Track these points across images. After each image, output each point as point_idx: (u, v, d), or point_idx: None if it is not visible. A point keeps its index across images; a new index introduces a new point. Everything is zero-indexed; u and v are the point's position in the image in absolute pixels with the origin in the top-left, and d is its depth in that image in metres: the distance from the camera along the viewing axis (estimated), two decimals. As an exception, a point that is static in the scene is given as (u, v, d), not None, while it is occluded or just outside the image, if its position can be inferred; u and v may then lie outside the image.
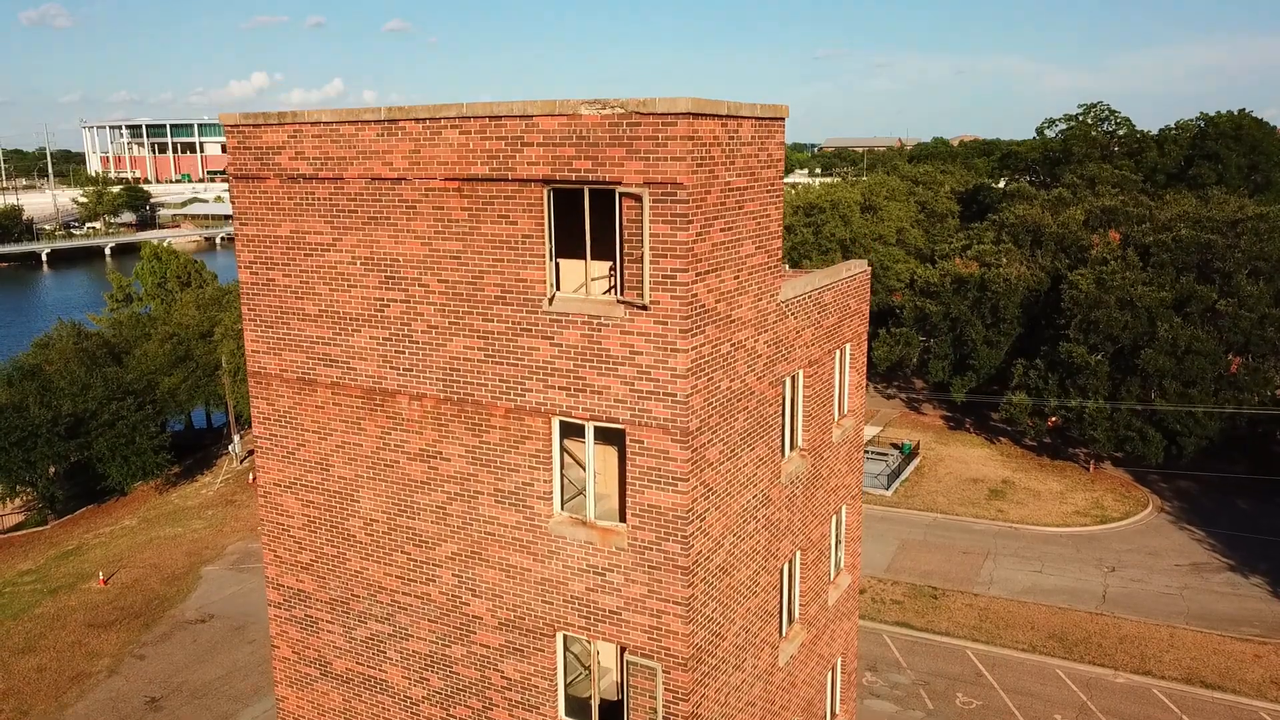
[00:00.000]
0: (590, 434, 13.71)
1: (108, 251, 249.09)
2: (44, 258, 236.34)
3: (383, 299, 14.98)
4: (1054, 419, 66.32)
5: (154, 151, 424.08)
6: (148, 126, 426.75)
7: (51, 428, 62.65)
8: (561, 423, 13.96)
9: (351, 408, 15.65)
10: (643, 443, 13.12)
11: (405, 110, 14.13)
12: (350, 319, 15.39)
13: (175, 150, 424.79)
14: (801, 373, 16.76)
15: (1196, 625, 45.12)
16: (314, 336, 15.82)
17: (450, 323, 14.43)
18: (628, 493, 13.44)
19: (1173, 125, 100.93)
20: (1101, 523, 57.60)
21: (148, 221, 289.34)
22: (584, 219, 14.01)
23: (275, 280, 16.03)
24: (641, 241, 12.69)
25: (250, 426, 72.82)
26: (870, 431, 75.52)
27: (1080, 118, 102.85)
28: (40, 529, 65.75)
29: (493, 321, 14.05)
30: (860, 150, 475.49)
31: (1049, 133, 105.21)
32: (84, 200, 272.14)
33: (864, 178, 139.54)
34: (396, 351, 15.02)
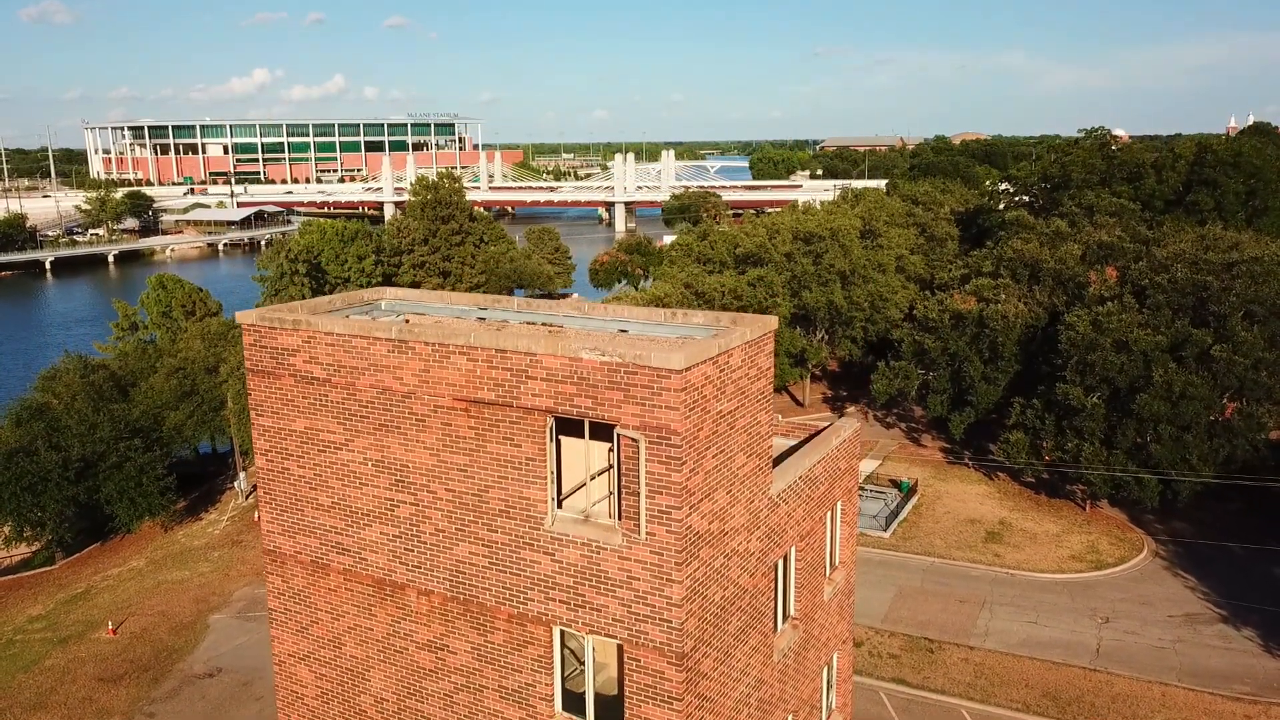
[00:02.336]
0: (589, 643, 14.46)
1: (111, 259, 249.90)
2: (48, 266, 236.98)
3: (393, 499, 15.73)
4: (1050, 457, 67.03)
5: (156, 152, 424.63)
6: (150, 128, 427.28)
7: (61, 472, 63.51)
8: (562, 631, 14.72)
9: (363, 594, 16.42)
10: (639, 661, 13.87)
11: (416, 333, 14.85)
12: (362, 514, 16.14)
13: (177, 151, 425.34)
14: (794, 549, 17.52)
15: (1188, 683, 45.87)
16: (327, 525, 16.58)
17: (457, 529, 15.18)
18: (626, 705, 14.19)
19: (1168, 137, 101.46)
20: (1097, 568, 58.33)
21: (150, 227, 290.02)
22: (585, 432, 14.71)
23: (290, 469, 16.78)
24: (638, 477, 13.42)
25: (249, 453, 73.29)
26: (868, 466, 76.23)
27: (1081, 142, 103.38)
28: (49, 568, 66.67)
29: (497, 533, 14.80)
30: (862, 149, 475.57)
31: (1049, 155, 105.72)
32: (87, 207, 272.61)
33: (864, 195, 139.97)
34: (406, 549, 15.78)
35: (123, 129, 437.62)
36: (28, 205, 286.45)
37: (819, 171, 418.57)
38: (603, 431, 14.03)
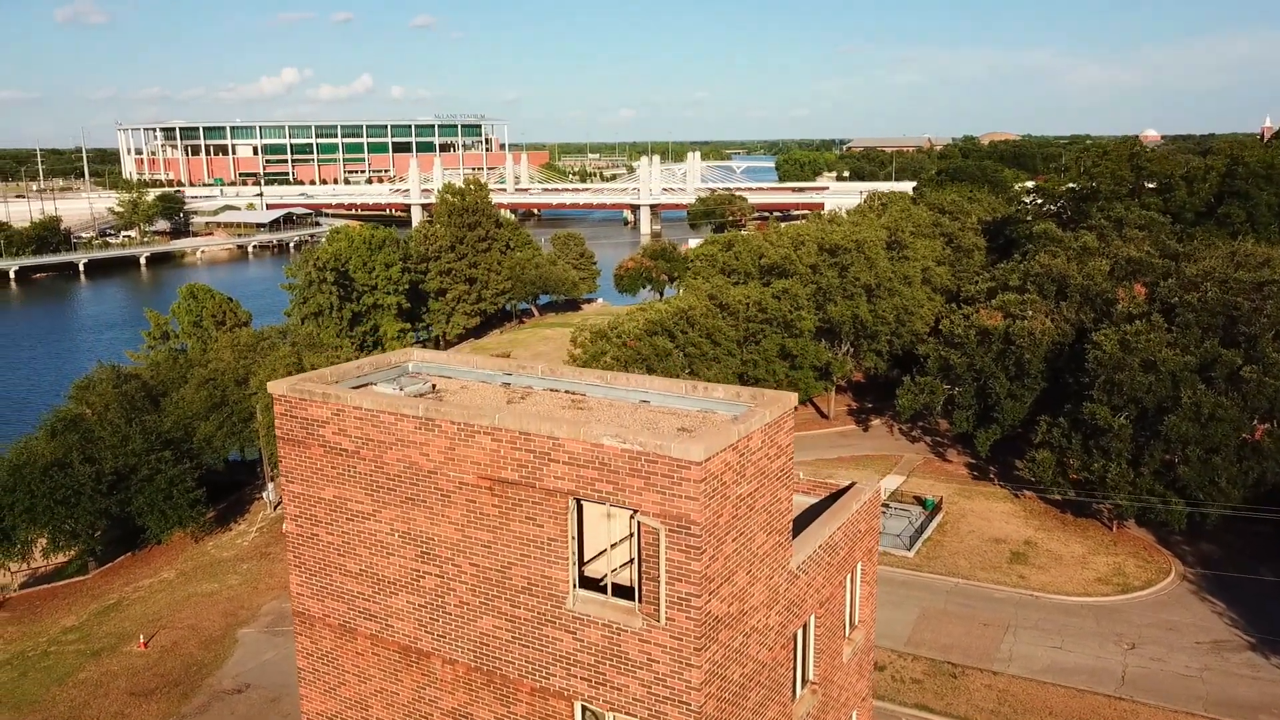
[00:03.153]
0: None
1: (143, 261, 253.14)
2: (81, 268, 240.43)
3: (419, 570, 16.07)
4: (1076, 476, 66.61)
5: (187, 153, 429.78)
6: (181, 129, 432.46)
7: (94, 485, 64.60)
8: (584, 706, 14.98)
9: (389, 660, 16.77)
10: (659, 741, 14.12)
11: (442, 412, 15.16)
12: (389, 582, 16.49)
13: (208, 152, 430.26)
14: (813, 617, 17.70)
15: (1216, 713, 45.53)
16: (355, 591, 16.94)
17: (481, 602, 15.49)
18: (646, 782, 14.44)
19: (1201, 136, 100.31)
20: (1123, 592, 57.94)
21: (181, 229, 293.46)
22: (608, 515, 14.96)
23: (319, 536, 17.16)
24: (658, 563, 13.66)
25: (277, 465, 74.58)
26: (893, 482, 76.09)
27: (1110, 153, 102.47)
28: (82, 578, 67.83)
29: (520, 609, 15.09)
30: (889, 150, 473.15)
31: (1077, 166, 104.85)
32: (120, 209, 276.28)
33: (890, 202, 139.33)
34: (431, 618, 16.11)
35: (155, 130, 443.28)
36: (62, 206, 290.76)
37: (845, 173, 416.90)
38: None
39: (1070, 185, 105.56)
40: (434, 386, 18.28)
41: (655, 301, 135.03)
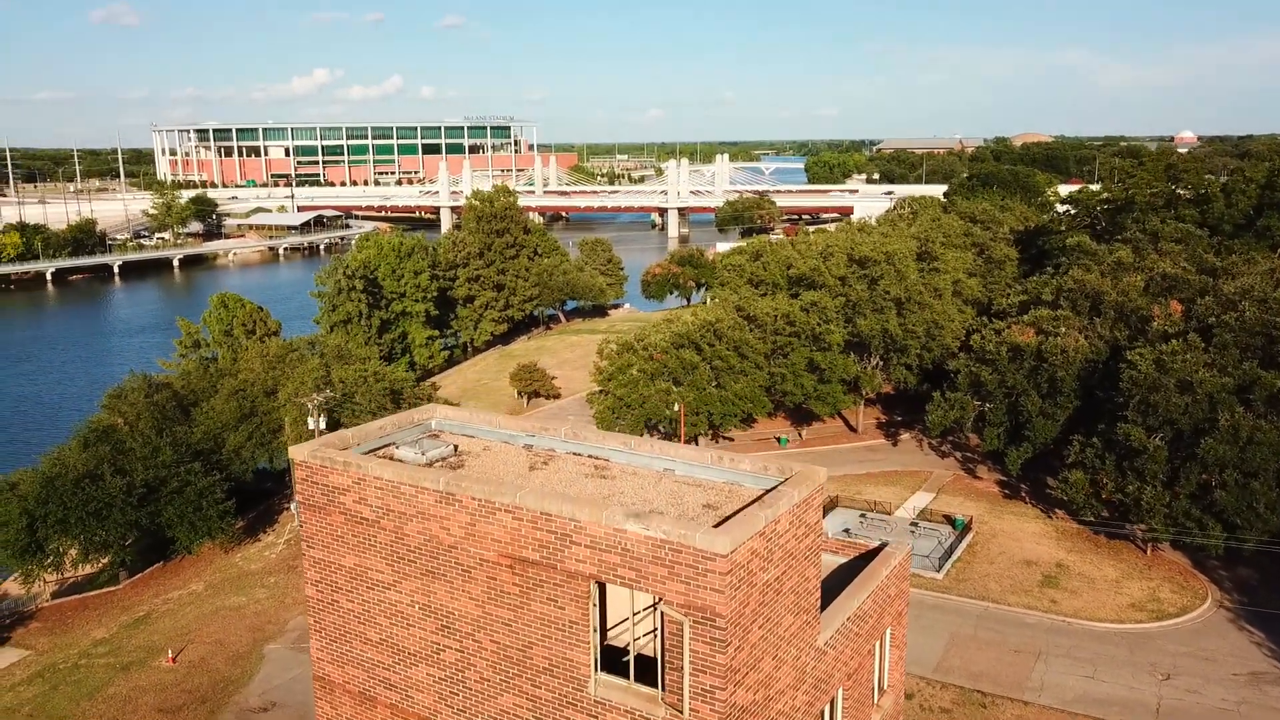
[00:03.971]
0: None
1: (176, 263, 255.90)
2: (115, 270, 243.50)
3: (439, 644, 15.84)
4: (1109, 497, 65.50)
5: (220, 154, 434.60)
6: (215, 130, 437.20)
7: (125, 497, 65.20)
8: (606, 789, 14.68)
9: (409, 730, 16.56)
10: (682, 831, 13.78)
11: (463, 487, 14.92)
12: (409, 653, 16.28)
13: (241, 154, 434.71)
14: (841, 690, 17.30)
15: (1252, 749, 44.53)
16: (375, 660, 16.75)
17: (501, 679, 15.23)
18: None
19: (1239, 138, 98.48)
20: (1158, 619, 56.87)
21: (214, 231, 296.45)
22: (632, 600, 14.64)
23: (339, 603, 16.98)
24: (682, 653, 13.33)
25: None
26: (922, 500, 75.25)
27: (1145, 163, 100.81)
28: (113, 589, 68.52)
29: (541, 689, 14.82)
30: (919, 152, 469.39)
31: (1111, 176, 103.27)
32: (153, 212, 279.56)
33: (920, 210, 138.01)
34: (452, 692, 15.88)
35: (189, 131, 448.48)
36: (97, 208, 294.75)
37: (875, 175, 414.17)
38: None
39: (1105, 196, 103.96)
40: (456, 448, 18.06)
41: (682, 311, 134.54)
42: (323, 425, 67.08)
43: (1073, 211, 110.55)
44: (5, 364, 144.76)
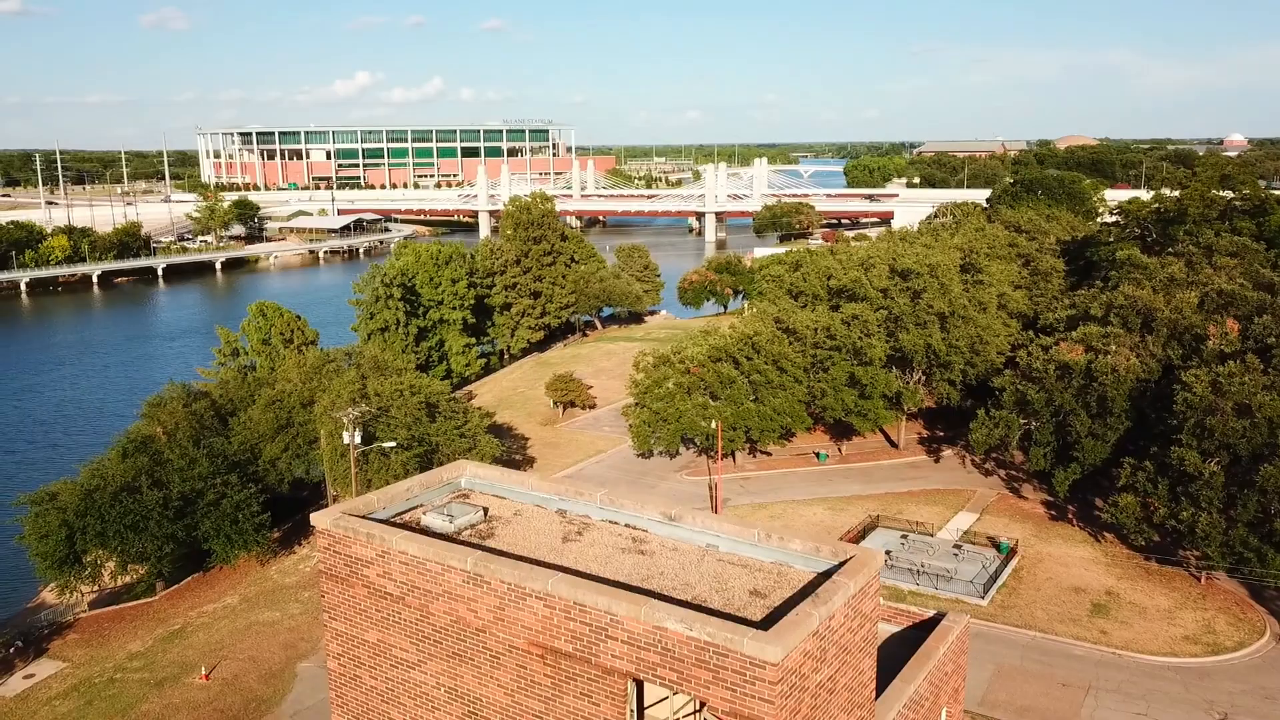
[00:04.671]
0: None
1: (218, 267, 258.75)
2: (159, 272, 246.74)
3: (466, 730, 14.90)
4: (1161, 521, 63.33)
5: (263, 157, 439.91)
6: (257, 134, 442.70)
7: (161, 510, 65.27)
8: None
9: (434, 817, 15.63)
10: None
11: (491, 569, 13.96)
12: (434, 738, 15.36)
13: (283, 156, 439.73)
14: (893, 781, 16.12)
15: (1316, 798, 42.51)
16: (398, 741, 15.85)
17: (532, 774, 14.25)
18: None
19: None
20: (1213, 653, 54.75)
21: (256, 234, 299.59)
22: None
23: (362, 679, 16.11)
24: (727, 762, 12.26)
25: (341, 495, 74.08)
26: (965, 521, 73.39)
27: (1199, 173, 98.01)
28: (149, 600, 68.66)
29: (575, 788, 13.81)
30: (960, 156, 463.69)
31: (1163, 186, 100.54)
32: (197, 215, 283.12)
33: (963, 219, 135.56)
34: (479, 782, 14.93)
35: (232, 134, 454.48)
36: (143, 211, 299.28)
37: (915, 180, 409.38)
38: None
39: (1156, 207, 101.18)
40: (486, 512, 17.13)
41: (720, 319, 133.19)
42: (358, 439, 66.74)
43: (1121, 222, 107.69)
44: (48, 367, 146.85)
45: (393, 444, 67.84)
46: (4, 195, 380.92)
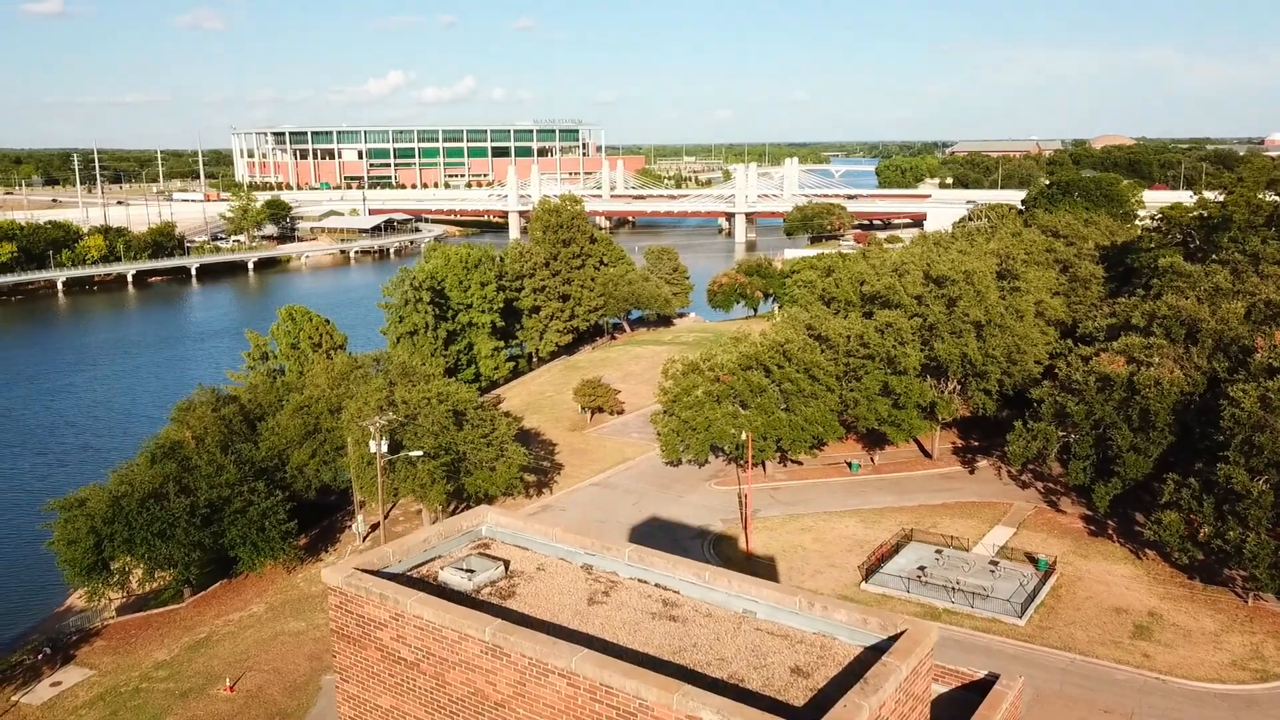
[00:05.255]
0: None
1: (250, 266, 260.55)
2: (193, 272, 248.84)
3: (485, 810, 13.92)
4: (1206, 540, 61.36)
5: (296, 157, 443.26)
6: (291, 133, 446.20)
7: (189, 518, 65.10)
8: None
9: None
10: None
11: (511, 642, 12.97)
12: (450, 813, 14.38)
13: (315, 156, 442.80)
14: None
15: (1374, 838, 40.69)
16: (414, 814, 14.89)
17: None
18: None
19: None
20: (1262, 680, 52.82)
21: (288, 234, 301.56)
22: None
23: (375, 746, 15.18)
24: None
25: (367, 502, 73.58)
26: (1002, 535, 71.67)
27: (1244, 178, 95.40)
28: (177, 606, 68.57)
29: None
30: (994, 156, 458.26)
31: (1206, 192, 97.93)
32: (230, 215, 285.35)
33: (999, 223, 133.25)
34: None
35: (266, 134, 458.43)
36: (177, 210, 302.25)
37: (948, 180, 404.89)
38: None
39: (1199, 213, 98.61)
40: (507, 567, 16.17)
41: (751, 324, 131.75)
42: (385, 448, 66.20)
43: (1163, 228, 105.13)
44: (81, 367, 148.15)
45: (419, 453, 67.21)
46: (53, 200, 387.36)
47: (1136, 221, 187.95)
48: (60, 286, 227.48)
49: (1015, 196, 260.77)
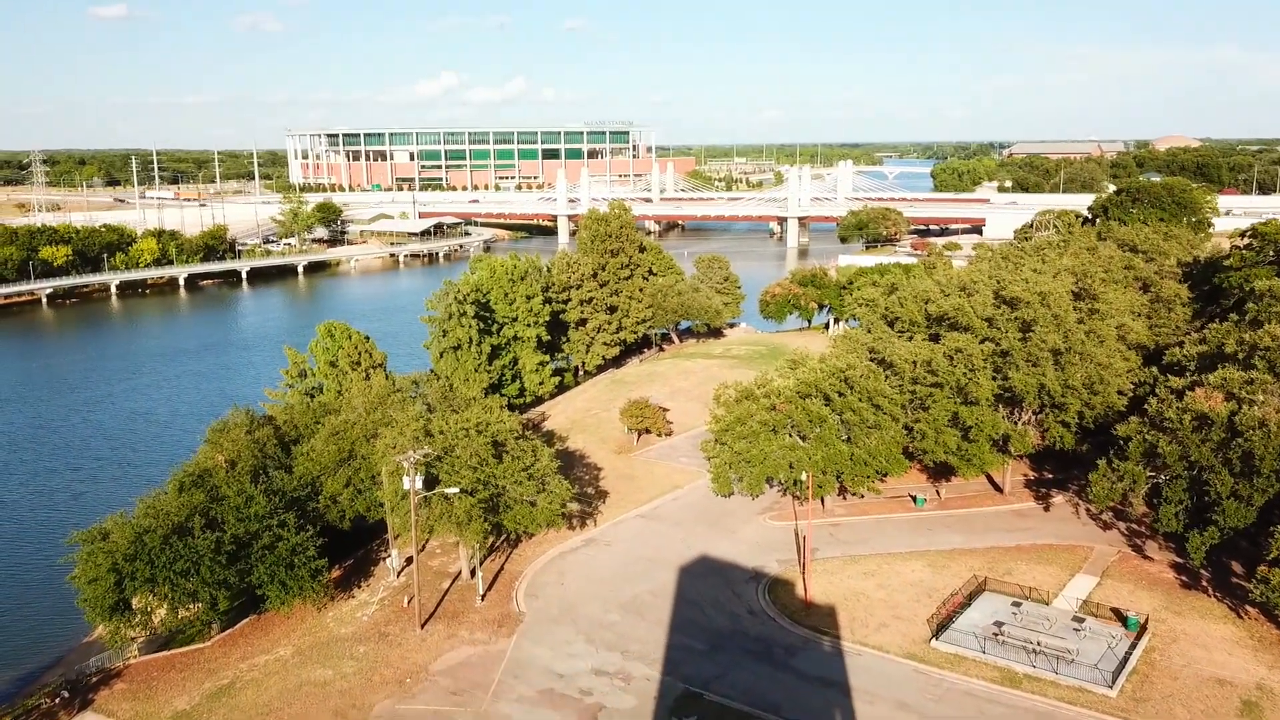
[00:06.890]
0: None
1: (300, 270, 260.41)
2: (244, 275, 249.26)
3: None
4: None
5: (348, 159, 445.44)
6: (344, 135, 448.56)
7: (214, 555, 61.78)
8: None
9: None
10: None
11: None
12: None
13: (368, 158, 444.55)
14: None
15: None
16: None
17: None
18: None
19: None
20: (1394, 772, 46.68)
21: (338, 237, 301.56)
22: None
23: None
24: None
25: (400, 534, 69.46)
26: (1083, 585, 65.76)
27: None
28: (202, 645, 65.30)
29: None
30: (1054, 158, 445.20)
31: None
32: (281, 219, 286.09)
33: (1069, 236, 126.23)
34: None
35: (319, 135, 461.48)
36: (229, 213, 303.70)
37: (1007, 183, 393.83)
38: None
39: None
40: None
41: (804, 336, 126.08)
42: (419, 484, 62.24)
43: (1255, 244, 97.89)
44: (124, 376, 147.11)
45: (455, 490, 63.16)
46: (115, 200, 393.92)
47: (1210, 230, 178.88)
48: (114, 290, 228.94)
49: (1078, 201, 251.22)
